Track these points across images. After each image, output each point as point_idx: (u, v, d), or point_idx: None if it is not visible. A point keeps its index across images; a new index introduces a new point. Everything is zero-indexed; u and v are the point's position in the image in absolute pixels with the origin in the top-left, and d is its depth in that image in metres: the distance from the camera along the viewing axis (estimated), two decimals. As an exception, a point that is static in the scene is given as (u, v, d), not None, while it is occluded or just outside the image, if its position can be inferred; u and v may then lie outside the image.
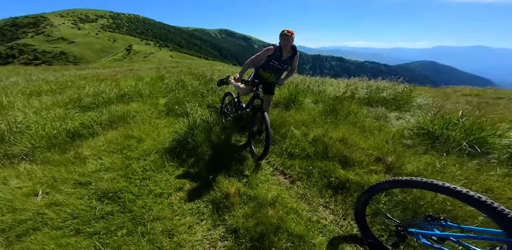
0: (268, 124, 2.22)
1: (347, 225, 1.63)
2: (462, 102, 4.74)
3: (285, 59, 2.55)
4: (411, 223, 1.20)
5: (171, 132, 3.40)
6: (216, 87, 5.32)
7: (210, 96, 4.86)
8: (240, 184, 2.09)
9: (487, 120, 2.49)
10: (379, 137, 2.66)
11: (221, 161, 2.46)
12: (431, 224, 1.11)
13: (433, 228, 1.10)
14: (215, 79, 6.12)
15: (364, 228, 1.43)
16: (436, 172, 1.94)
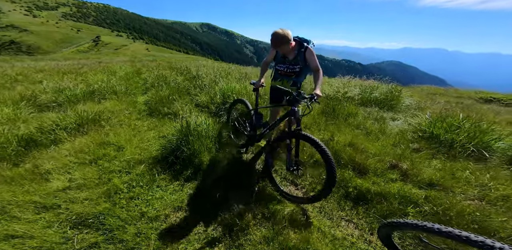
0: (328, 155, 1.51)
1: (376, 240, 1.49)
2: (442, 103, 5.04)
3: (292, 59, 2.12)
4: None
5: (158, 137, 2.96)
6: (204, 84, 4.89)
7: (198, 94, 4.44)
8: (252, 199, 1.84)
9: (486, 123, 2.58)
10: (385, 141, 2.60)
11: (225, 173, 2.16)
12: None
13: None
14: (203, 76, 5.66)
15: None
16: (451, 180, 1.91)
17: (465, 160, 2.22)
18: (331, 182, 1.51)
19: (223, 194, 1.91)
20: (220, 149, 2.57)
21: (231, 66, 8.23)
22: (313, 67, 2.05)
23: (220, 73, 5.78)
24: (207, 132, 2.67)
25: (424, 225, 1.05)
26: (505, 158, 2.24)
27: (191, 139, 2.43)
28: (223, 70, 6.42)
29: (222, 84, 4.26)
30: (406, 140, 2.64)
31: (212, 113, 3.67)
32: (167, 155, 2.38)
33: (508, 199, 1.67)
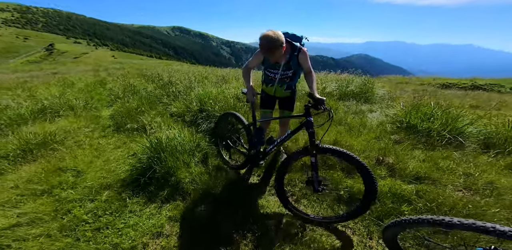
0: (364, 166, 1.33)
1: (376, 245, 1.40)
2: (410, 91, 5.34)
3: (284, 64, 1.82)
4: None
5: (127, 156, 2.62)
6: (178, 91, 4.54)
7: (172, 102, 4.09)
8: (238, 217, 1.65)
9: (454, 109, 2.70)
10: (368, 135, 2.59)
11: (207, 189, 1.94)
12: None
13: None
14: (176, 82, 5.27)
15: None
16: (436, 171, 1.92)
17: (444, 148, 2.28)
18: (370, 196, 1.34)
19: (210, 215, 1.71)
20: (202, 162, 2.34)
21: (207, 70, 7.89)
22: (305, 69, 1.84)
23: (195, 78, 5.46)
24: (183, 145, 2.42)
25: (442, 220, 0.98)
26: (479, 142, 2.35)
27: (163, 156, 2.16)
28: (199, 74, 6.09)
29: (198, 90, 3.97)
30: (386, 132, 2.66)
31: (188, 122, 3.38)
32: (138, 176, 2.12)
33: (493, 186, 1.71)
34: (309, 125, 1.48)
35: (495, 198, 1.58)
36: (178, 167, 2.15)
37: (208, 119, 3.17)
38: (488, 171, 1.87)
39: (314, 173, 1.51)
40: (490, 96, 5.55)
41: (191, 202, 1.84)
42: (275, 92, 2.05)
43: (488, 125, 2.63)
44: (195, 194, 1.90)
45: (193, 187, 1.97)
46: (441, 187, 1.74)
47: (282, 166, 1.62)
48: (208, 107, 3.27)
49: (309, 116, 1.50)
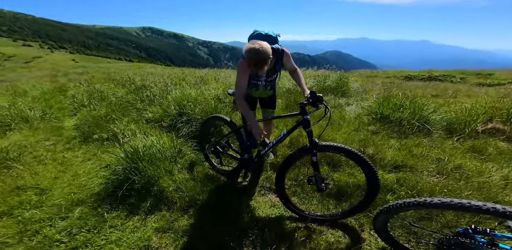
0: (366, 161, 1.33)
1: (369, 237, 1.45)
2: (380, 84, 5.74)
3: (269, 70, 1.77)
4: (458, 243, 1.04)
5: (99, 168, 2.40)
6: (154, 95, 4.26)
7: (147, 107, 3.82)
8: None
9: (419, 99, 2.95)
10: (348, 128, 2.70)
11: (194, 196, 1.84)
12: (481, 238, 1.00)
13: (485, 245, 0.97)
14: (151, 86, 4.94)
15: (392, 242, 1.29)
16: (411, 158, 2.07)
17: (414, 136, 2.47)
18: (374, 191, 1.34)
19: (200, 222, 1.62)
20: (187, 168, 2.22)
21: (184, 71, 7.55)
22: (290, 68, 1.80)
23: (172, 81, 5.18)
24: (163, 153, 2.27)
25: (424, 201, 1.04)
26: (443, 128, 2.60)
27: (142, 166, 2.01)
28: (176, 77, 5.80)
29: (176, 93, 3.76)
30: (364, 124, 2.80)
31: (167, 128, 3.19)
32: (114, 189, 1.95)
33: (461, 169, 1.89)
34: (306, 123, 1.43)
35: (465, 181, 1.74)
36: (160, 175, 2.02)
37: (188, 123, 3.02)
38: (455, 155, 2.07)
39: (317, 172, 1.46)
40: (446, 86, 6.21)
41: (178, 211, 1.74)
42: (260, 94, 2.01)
43: (448, 112, 2.92)
44: (181, 203, 1.80)
45: (178, 195, 1.86)
46: (418, 173, 1.87)
47: (284, 166, 1.58)
48: (188, 110, 3.12)
49: (305, 114, 1.45)
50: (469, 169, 1.86)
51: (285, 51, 1.70)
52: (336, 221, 1.55)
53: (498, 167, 1.90)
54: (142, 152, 2.15)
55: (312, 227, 1.53)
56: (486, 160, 2.07)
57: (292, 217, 1.64)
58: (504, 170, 1.84)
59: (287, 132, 1.61)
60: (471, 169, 1.86)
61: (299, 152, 1.52)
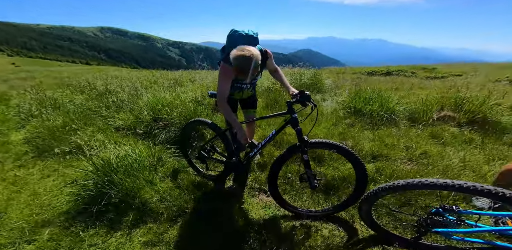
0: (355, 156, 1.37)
1: (360, 227, 1.52)
2: (349, 80, 6.17)
3: None
4: (432, 221, 1.17)
5: (63, 185, 2.14)
6: (122, 101, 3.88)
7: (116, 114, 3.47)
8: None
9: (384, 92, 3.24)
10: (327, 123, 2.83)
11: (182, 205, 1.75)
12: (450, 216, 1.13)
13: (454, 222, 1.11)
14: (117, 91, 4.49)
15: (381, 230, 1.39)
16: (385, 147, 2.26)
17: (384, 126, 2.72)
18: (362, 185, 1.39)
19: (192, 231, 1.54)
20: (170, 176, 2.09)
21: (155, 73, 7.04)
22: (272, 69, 1.79)
23: (142, 84, 4.79)
24: (140, 162, 2.10)
25: (397, 183, 1.13)
26: (406, 118, 2.90)
27: (117, 178, 1.83)
28: (146, 80, 5.37)
29: (148, 97, 3.48)
30: (340, 118, 2.98)
31: (141, 135, 2.95)
32: (86, 206, 1.77)
33: (427, 154, 2.12)
34: (295, 122, 1.43)
35: (432, 166, 1.96)
36: (140, 187, 1.87)
37: (165, 129, 2.83)
38: (420, 142, 2.33)
39: (308, 170, 1.47)
40: (402, 80, 6.97)
41: (166, 222, 1.63)
42: (241, 96, 1.96)
43: (409, 103, 3.28)
44: (168, 213, 1.69)
45: (164, 205, 1.74)
46: (392, 162, 2.06)
47: (275, 166, 1.57)
48: (163, 115, 2.92)
49: (293, 113, 1.44)
50: (433, 154, 2.11)
51: (268, 53, 1.66)
52: (329, 215, 1.59)
53: (454, 151, 2.20)
54: (116, 164, 1.97)
55: (307, 224, 1.56)
56: (444, 144, 2.38)
57: (286, 216, 1.65)
58: (460, 152, 2.14)
59: (276, 132, 1.59)
60: (435, 154, 2.12)
61: (289, 151, 1.51)
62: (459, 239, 1.15)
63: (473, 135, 2.56)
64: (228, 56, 1.49)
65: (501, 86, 4.61)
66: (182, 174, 2.14)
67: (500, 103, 2.96)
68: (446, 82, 6.30)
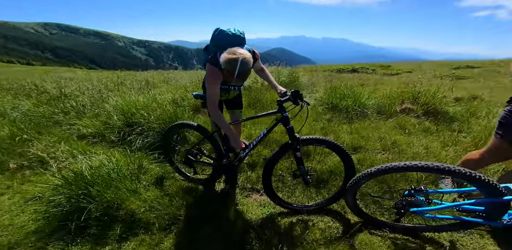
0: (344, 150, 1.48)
1: (352, 217, 1.60)
2: (322, 77, 6.54)
3: None
4: (407, 202, 1.32)
5: (23, 203, 1.86)
6: (83, 105, 3.46)
7: (77, 121, 3.08)
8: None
9: (356, 88, 3.53)
10: (308, 119, 2.96)
11: (174, 213, 1.67)
12: (420, 196, 1.29)
13: (425, 201, 1.28)
14: (75, 94, 3.97)
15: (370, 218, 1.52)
16: (361, 139, 2.47)
17: (359, 120, 2.97)
18: (350, 177, 1.46)
19: (189, 239, 1.49)
20: (156, 184, 1.97)
21: (119, 74, 6.38)
22: (258, 68, 1.77)
23: (106, 86, 4.31)
24: (119, 171, 1.92)
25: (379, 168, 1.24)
26: (375, 111, 3.21)
27: (95, 190, 1.67)
28: (109, 81, 4.85)
29: (117, 100, 3.16)
30: (320, 114, 3.16)
31: (114, 142, 2.69)
32: (61, 223, 1.59)
33: (397, 144, 2.38)
34: (286, 120, 1.45)
35: (403, 154, 2.21)
36: (123, 197, 1.72)
37: (142, 134, 2.63)
38: (390, 133, 2.61)
39: (301, 166, 1.52)
40: (366, 77, 7.69)
41: (159, 232, 1.54)
42: (228, 97, 1.91)
43: (376, 98, 3.64)
44: (160, 222, 1.60)
45: (154, 214, 1.64)
46: (369, 152, 2.26)
47: (269, 166, 1.58)
48: (139, 119, 2.70)
49: (284, 112, 1.46)
50: (402, 143, 2.39)
51: (256, 53, 1.63)
52: (322, 208, 1.67)
53: (417, 139, 2.53)
54: (90, 175, 1.78)
55: (303, 218, 1.62)
56: (408, 133, 2.71)
57: (282, 213, 1.69)
58: (422, 140, 2.47)
59: (267, 131, 1.59)
60: (403, 143, 2.40)
61: (282, 149, 1.54)
62: (432, 216, 1.32)
63: (429, 124, 2.98)
64: (215, 58, 1.46)
65: (447, 81, 5.44)
66: (169, 181, 2.03)
67: (446, 96, 3.49)
68: (401, 79, 7.15)
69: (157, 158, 2.27)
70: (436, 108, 3.29)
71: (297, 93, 1.46)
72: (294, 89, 1.49)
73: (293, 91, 1.48)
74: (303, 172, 1.55)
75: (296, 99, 1.47)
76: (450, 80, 6.15)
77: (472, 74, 8.39)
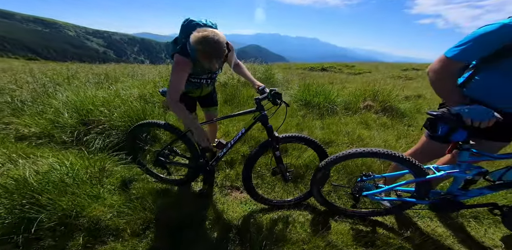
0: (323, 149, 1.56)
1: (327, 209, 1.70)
2: (295, 75, 6.77)
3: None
4: (359, 187, 1.48)
5: None
6: (22, 101, 2.91)
7: (16, 119, 2.57)
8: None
9: (326, 85, 3.76)
10: (284, 115, 3.04)
11: (147, 217, 1.55)
12: (369, 181, 1.47)
13: (373, 186, 1.46)
14: (7, 88, 3.29)
15: (339, 209, 1.65)
16: (332, 134, 2.65)
17: (329, 116, 3.17)
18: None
19: (165, 245, 1.39)
20: (123, 187, 1.78)
21: (71, 67, 5.48)
22: (234, 64, 1.68)
23: (51, 79, 3.69)
24: (76, 176, 1.69)
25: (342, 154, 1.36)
26: (343, 107, 3.48)
27: (45, 199, 1.45)
28: (57, 74, 4.16)
29: (68, 95, 2.72)
30: (295, 110, 3.27)
31: (67, 143, 2.33)
32: (3, 237, 1.34)
33: (361, 137, 2.61)
34: (265, 119, 1.42)
35: (366, 146, 2.37)
36: (83, 204, 1.53)
37: (103, 133, 2.34)
38: (355, 128, 2.86)
39: (281, 165, 1.52)
40: (334, 75, 8.25)
41: (132, 238, 1.42)
42: (201, 93, 1.80)
43: (343, 95, 3.94)
44: (133, 227, 1.47)
45: (124, 220, 1.50)
46: (339, 146, 2.44)
47: (248, 165, 1.56)
48: (98, 116, 2.38)
49: (262, 110, 1.41)
50: (365, 137, 2.65)
51: (229, 44, 1.51)
52: (303, 203, 1.73)
53: (377, 133, 2.83)
54: (37, 182, 1.54)
55: (284, 213, 1.64)
56: (370, 128, 3.02)
57: (263, 209, 1.70)
58: (381, 134, 2.77)
59: (246, 130, 1.54)
60: (366, 137, 2.66)
61: (261, 147, 1.53)
62: (379, 198, 1.49)
63: (386, 119, 3.37)
64: (184, 47, 1.36)
65: (400, 81, 6.20)
66: (139, 183, 1.86)
67: (399, 95, 3.99)
68: (363, 78, 7.89)
69: (123, 159, 2.05)
70: (391, 105, 3.73)
71: (277, 94, 1.45)
72: (272, 89, 1.47)
73: (273, 92, 1.45)
74: (282, 170, 1.56)
75: (275, 100, 1.47)
76: (403, 81, 7.04)
77: (417, 75, 9.75)
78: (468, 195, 1.29)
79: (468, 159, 1.17)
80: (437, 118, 1.10)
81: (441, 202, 1.33)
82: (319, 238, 1.41)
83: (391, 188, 1.40)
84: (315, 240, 1.40)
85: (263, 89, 1.63)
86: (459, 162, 1.20)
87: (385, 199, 1.52)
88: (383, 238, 1.47)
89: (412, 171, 1.30)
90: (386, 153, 1.29)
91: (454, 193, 1.30)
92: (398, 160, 1.28)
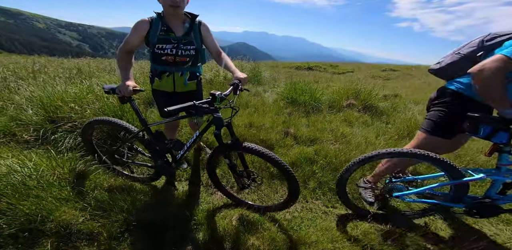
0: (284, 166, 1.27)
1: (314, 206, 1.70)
2: (282, 73, 6.81)
3: (182, 36, 1.43)
4: (389, 188, 1.42)
5: None
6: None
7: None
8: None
9: (312, 84, 3.82)
10: (271, 112, 3.04)
11: (125, 219, 1.45)
12: (401, 183, 1.40)
13: (404, 187, 1.40)
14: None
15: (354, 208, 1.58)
16: (317, 131, 2.68)
17: (314, 114, 3.23)
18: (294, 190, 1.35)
19: (152, 243, 1.30)
20: (97, 188, 1.65)
21: (38, 60, 4.94)
22: (215, 50, 1.55)
23: (14, 73, 3.35)
24: (41, 178, 1.54)
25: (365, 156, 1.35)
26: (327, 106, 3.56)
27: (4, 203, 1.33)
28: (21, 67, 3.76)
29: (33, 91, 2.46)
30: (281, 107, 3.28)
31: (29, 142, 2.11)
32: None
33: (344, 135, 2.67)
34: (218, 121, 1.23)
35: (348, 144, 2.47)
36: (50, 208, 1.39)
37: (74, 131, 2.15)
38: (339, 125, 2.94)
39: (235, 174, 1.45)
40: (319, 74, 8.43)
41: (110, 241, 1.32)
42: (175, 86, 1.59)
43: (328, 94, 4.03)
44: (109, 230, 1.37)
45: (99, 223, 1.39)
46: (324, 143, 2.47)
47: (209, 164, 1.54)
48: (68, 113, 2.18)
49: (215, 112, 1.21)
50: (348, 134, 2.71)
51: (202, 22, 1.49)
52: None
53: (359, 130, 2.93)
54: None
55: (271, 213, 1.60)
56: (352, 125, 3.12)
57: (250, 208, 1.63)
58: (363, 131, 2.87)
59: (199, 133, 1.38)
60: (349, 134, 2.73)
61: (215, 152, 1.45)
62: (411, 200, 1.43)
63: (366, 117, 3.50)
64: None
65: (379, 81, 6.50)
66: (115, 183, 1.73)
67: (378, 94, 4.17)
68: (346, 77, 8.17)
69: (99, 158, 1.89)
70: (372, 104, 3.89)
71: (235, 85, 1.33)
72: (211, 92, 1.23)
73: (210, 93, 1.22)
74: (236, 178, 1.48)
75: (236, 89, 1.32)
76: (382, 81, 7.41)
77: (394, 76, 10.33)
78: (506, 199, 1.22)
79: (508, 162, 1.13)
80: (479, 119, 1.09)
81: (479, 206, 1.24)
82: (307, 234, 1.41)
83: (427, 189, 1.34)
84: (303, 235, 1.40)
85: (233, 83, 1.37)
86: (499, 165, 1.16)
87: (418, 201, 1.46)
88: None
89: (447, 173, 1.23)
90: (419, 153, 1.20)
91: (492, 197, 1.23)
92: (432, 161, 1.20)
